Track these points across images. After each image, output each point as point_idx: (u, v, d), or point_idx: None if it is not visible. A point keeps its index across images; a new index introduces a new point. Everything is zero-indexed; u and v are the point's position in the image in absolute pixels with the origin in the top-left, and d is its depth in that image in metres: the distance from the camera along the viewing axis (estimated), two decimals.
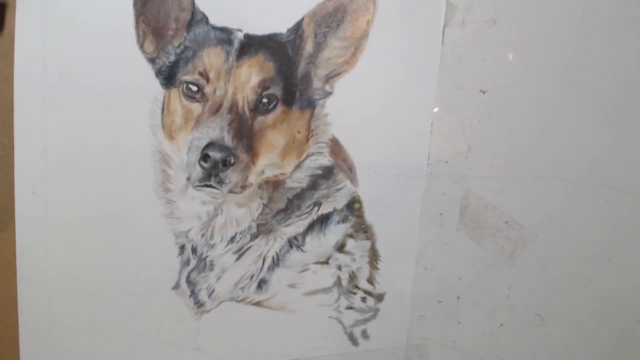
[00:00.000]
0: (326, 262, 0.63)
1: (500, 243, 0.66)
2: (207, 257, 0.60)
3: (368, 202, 0.62)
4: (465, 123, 0.63)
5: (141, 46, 0.55)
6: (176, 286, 0.60)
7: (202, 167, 0.55)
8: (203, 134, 0.55)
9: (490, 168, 0.64)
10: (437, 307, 0.67)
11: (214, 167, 0.55)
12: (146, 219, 0.58)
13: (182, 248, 0.60)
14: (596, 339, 0.70)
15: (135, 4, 0.54)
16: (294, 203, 0.61)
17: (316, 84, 0.58)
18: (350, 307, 0.65)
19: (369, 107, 0.60)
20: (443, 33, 0.61)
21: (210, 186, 0.56)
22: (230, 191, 0.58)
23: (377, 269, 0.64)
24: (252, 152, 0.57)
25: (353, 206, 0.62)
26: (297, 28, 0.57)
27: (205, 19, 0.55)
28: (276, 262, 0.62)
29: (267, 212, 0.60)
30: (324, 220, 0.62)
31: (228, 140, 0.55)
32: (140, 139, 0.56)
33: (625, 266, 0.68)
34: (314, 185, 0.61)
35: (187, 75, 0.56)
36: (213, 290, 0.61)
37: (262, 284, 0.62)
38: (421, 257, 0.65)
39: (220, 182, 0.56)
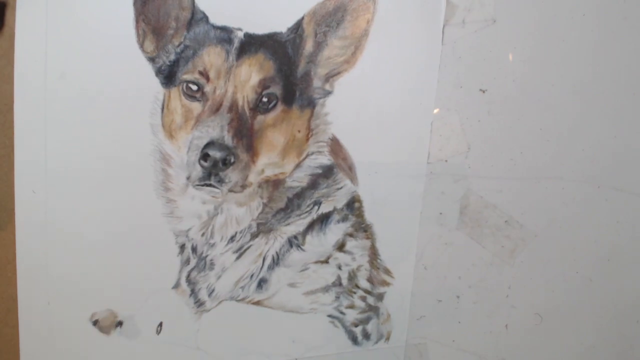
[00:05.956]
0: (326, 262, 0.63)
1: (501, 242, 0.66)
2: (207, 256, 0.60)
3: (368, 201, 0.62)
4: (465, 122, 0.63)
5: (141, 45, 0.55)
6: (176, 285, 0.60)
7: (202, 166, 0.55)
8: (203, 133, 0.55)
9: (490, 168, 0.64)
10: (437, 307, 0.67)
11: (214, 166, 0.55)
12: (146, 218, 0.58)
13: (182, 247, 0.60)
14: (596, 339, 0.70)
15: (135, 3, 0.54)
16: (294, 202, 0.61)
17: (316, 83, 0.58)
18: (350, 307, 0.65)
19: (369, 107, 0.60)
20: (443, 32, 0.61)
21: (210, 185, 0.56)
22: (230, 190, 0.58)
23: (377, 268, 0.64)
24: (252, 151, 0.57)
25: (353, 205, 0.62)
26: (297, 27, 0.57)
27: (205, 18, 0.55)
28: (276, 262, 0.62)
29: (267, 211, 0.60)
30: (324, 220, 0.62)
31: (228, 140, 0.55)
32: (141, 138, 0.56)
33: (625, 266, 0.68)
34: (314, 184, 0.61)
35: (187, 75, 0.56)
36: (213, 290, 0.61)
37: (262, 283, 0.62)
38: (421, 256, 0.65)
39: (220, 181, 0.56)
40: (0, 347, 0.58)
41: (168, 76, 0.56)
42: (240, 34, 0.56)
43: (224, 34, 0.56)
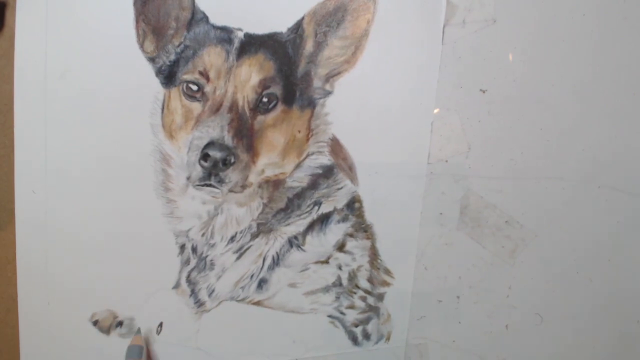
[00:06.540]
0: (326, 262, 0.63)
1: (501, 242, 0.66)
2: (207, 256, 0.60)
3: (368, 201, 0.62)
4: (466, 122, 0.63)
5: (141, 45, 0.55)
6: (176, 285, 0.60)
7: (202, 166, 0.55)
8: (203, 134, 0.55)
9: (490, 168, 0.64)
10: (437, 307, 0.67)
11: (214, 166, 0.55)
12: (146, 219, 0.58)
13: (182, 247, 0.60)
14: (596, 339, 0.70)
15: (135, 3, 0.54)
16: (294, 202, 0.61)
17: (316, 83, 0.58)
18: (350, 307, 0.65)
19: (369, 107, 0.60)
20: (443, 32, 0.61)
21: (210, 185, 0.57)
22: (231, 190, 0.58)
23: (377, 268, 0.64)
24: (252, 151, 0.57)
25: (353, 205, 0.62)
26: (298, 27, 0.57)
27: (205, 18, 0.55)
28: (276, 262, 0.62)
29: (268, 211, 0.60)
30: (324, 220, 0.62)
31: (228, 140, 0.55)
32: (141, 138, 0.56)
33: (625, 266, 0.68)
34: (314, 184, 0.61)
35: (187, 75, 0.56)
36: (213, 290, 0.61)
37: (262, 284, 0.62)
38: (421, 256, 0.65)
39: (221, 181, 0.56)
40: (0, 347, 0.58)
41: (168, 76, 0.56)
42: (241, 34, 0.56)
43: (224, 34, 0.56)
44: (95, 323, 0.59)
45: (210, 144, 0.55)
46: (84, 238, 0.58)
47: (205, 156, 0.55)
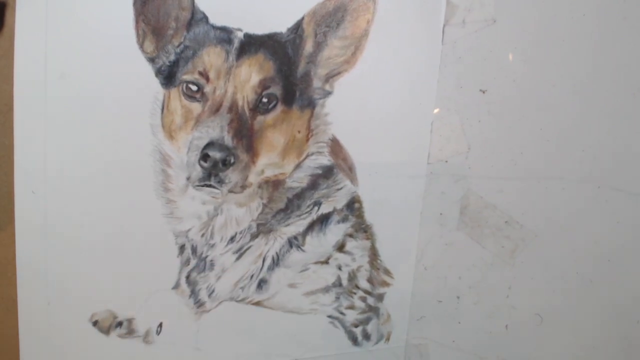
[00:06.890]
0: (326, 262, 0.63)
1: (501, 243, 0.66)
2: (207, 256, 0.60)
3: (368, 201, 0.62)
4: (466, 122, 0.63)
5: (141, 46, 0.55)
6: (176, 286, 0.60)
7: (202, 166, 0.55)
8: (203, 134, 0.55)
9: (490, 168, 0.64)
10: (437, 307, 0.67)
11: (213, 166, 0.55)
12: (146, 219, 0.58)
13: (182, 248, 0.60)
14: (596, 339, 0.70)
15: (135, 4, 0.54)
16: (294, 203, 0.61)
17: (316, 83, 0.58)
18: (350, 307, 0.65)
19: (369, 107, 0.60)
20: (443, 32, 0.61)
21: (210, 186, 0.56)
22: (230, 191, 0.58)
23: (377, 268, 0.64)
24: (252, 151, 0.57)
25: (353, 206, 0.62)
26: (297, 27, 0.57)
27: (205, 18, 0.55)
28: (276, 262, 0.62)
29: (267, 211, 0.60)
30: (324, 220, 0.62)
31: (228, 140, 0.55)
32: (140, 138, 0.56)
33: (625, 266, 0.68)
34: (314, 184, 0.61)
35: (187, 75, 0.56)
36: (213, 290, 0.61)
37: (262, 284, 0.62)
38: (421, 257, 0.65)
39: (220, 181, 0.56)
40: (0, 348, 0.58)
41: (168, 76, 0.56)
42: (240, 34, 0.56)
43: (224, 34, 0.56)
44: (95, 323, 0.59)
45: (210, 144, 0.55)
46: (84, 238, 0.57)
47: (205, 156, 0.55)
